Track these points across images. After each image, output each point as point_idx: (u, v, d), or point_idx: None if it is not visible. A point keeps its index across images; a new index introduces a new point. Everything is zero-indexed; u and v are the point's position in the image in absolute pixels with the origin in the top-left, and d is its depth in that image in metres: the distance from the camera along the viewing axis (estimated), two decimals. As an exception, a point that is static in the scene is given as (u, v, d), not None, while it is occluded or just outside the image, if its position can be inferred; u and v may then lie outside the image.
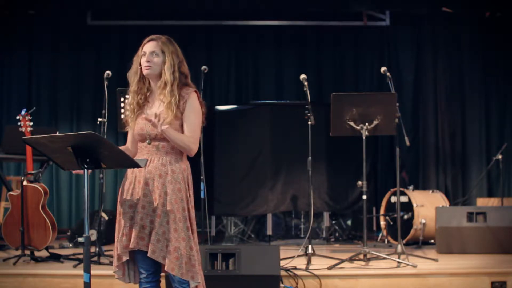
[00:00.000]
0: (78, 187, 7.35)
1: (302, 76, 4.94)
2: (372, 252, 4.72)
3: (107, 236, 5.95)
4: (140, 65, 2.98)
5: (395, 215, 5.49)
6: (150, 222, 2.87)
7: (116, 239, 2.95)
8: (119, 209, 2.97)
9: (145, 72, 2.96)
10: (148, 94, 3.01)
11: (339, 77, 7.58)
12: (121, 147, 2.98)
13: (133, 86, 3.00)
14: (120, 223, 2.94)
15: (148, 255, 2.85)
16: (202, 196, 4.87)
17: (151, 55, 2.95)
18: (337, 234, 6.52)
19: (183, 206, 2.91)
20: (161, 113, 2.91)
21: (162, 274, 3.08)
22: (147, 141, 2.95)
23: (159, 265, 2.97)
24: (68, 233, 6.10)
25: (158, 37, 3.01)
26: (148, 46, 2.98)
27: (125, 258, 2.93)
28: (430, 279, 4.34)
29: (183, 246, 2.85)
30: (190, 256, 2.87)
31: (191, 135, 2.95)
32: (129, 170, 2.99)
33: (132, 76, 3.02)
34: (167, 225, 2.86)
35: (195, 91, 3.02)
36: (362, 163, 4.83)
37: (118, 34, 7.49)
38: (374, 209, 6.71)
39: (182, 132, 2.96)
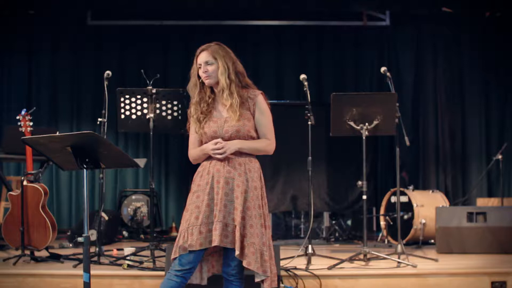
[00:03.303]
0: (78, 187, 7.34)
1: (302, 76, 4.94)
2: (372, 252, 4.72)
3: (107, 236, 5.96)
4: (199, 77, 3.14)
5: (395, 215, 5.49)
6: (233, 220, 2.98)
7: (180, 237, 2.99)
8: (188, 206, 3.03)
9: (206, 82, 3.12)
10: (210, 100, 3.15)
11: (339, 77, 7.58)
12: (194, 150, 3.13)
13: (195, 98, 3.16)
14: (187, 218, 3.00)
15: (236, 255, 2.95)
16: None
17: (206, 65, 3.10)
18: (337, 234, 6.52)
19: (259, 204, 3.07)
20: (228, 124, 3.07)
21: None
22: None
23: (196, 265, 3.04)
24: (68, 233, 6.10)
25: (208, 45, 3.17)
26: (201, 57, 3.13)
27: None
28: (430, 279, 4.33)
29: (257, 241, 2.99)
30: (263, 251, 3.01)
31: (265, 138, 3.14)
32: (204, 171, 3.08)
33: (192, 89, 3.18)
34: (243, 221, 2.98)
35: (261, 92, 3.21)
36: (362, 163, 4.83)
37: (118, 34, 7.49)
38: (374, 209, 6.71)
39: (255, 133, 3.13)
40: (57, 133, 2.86)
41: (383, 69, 5.06)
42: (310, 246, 4.74)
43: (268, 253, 3.04)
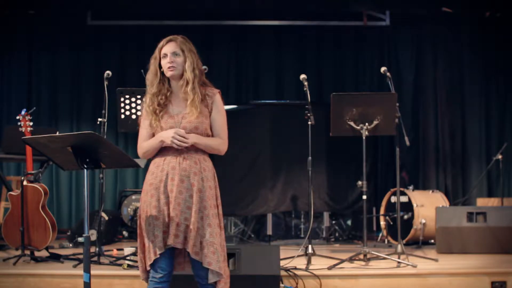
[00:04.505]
0: (78, 187, 7.34)
1: (302, 76, 4.94)
2: (372, 252, 4.72)
3: (107, 236, 5.96)
4: (160, 67, 3.02)
5: (395, 215, 5.48)
6: (185, 219, 2.90)
7: (147, 241, 2.91)
8: (145, 208, 2.94)
9: (169, 73, 3.00)
10: (168, 94, 3.04)
11: (339, 77, 7.57)
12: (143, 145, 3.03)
13: (153, 89, 3.03)
14: (150, 221, 2.90)
15: (191, 255, 2.88)
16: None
17: (173, 56, 3.00)
18: (337, 234, 6.52)
19: (214, 203, 3.00)
20: (186, 121, 2.96)
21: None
22: None
23: (173, 265, 2.99)
24: (68, 233, 6.10)
25: (175, 37, 3.06)
26: (168, 47, 3.02)
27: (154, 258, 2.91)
28: (430, 279, 4.33)
29: (217, 241, 2.92)
30: (221, 251, 2.94)
31: (219, 137, 3.05)
32: (157, 168, 2.98)
33: (152, 79, 3.05)
34: (201, 221, 2.91)
35: (219, 91, 3.10)
36: (362, 163, 4.82)
37: (118, 34, 7.49)
38: (374, 209, 6.71)
39: (210, 131, 3.04)
40: (57, 133, 2.86)
41: (383, 69, 5.06)
42: (310, 246, 4.74)
43: (223, 254, 2.96)
